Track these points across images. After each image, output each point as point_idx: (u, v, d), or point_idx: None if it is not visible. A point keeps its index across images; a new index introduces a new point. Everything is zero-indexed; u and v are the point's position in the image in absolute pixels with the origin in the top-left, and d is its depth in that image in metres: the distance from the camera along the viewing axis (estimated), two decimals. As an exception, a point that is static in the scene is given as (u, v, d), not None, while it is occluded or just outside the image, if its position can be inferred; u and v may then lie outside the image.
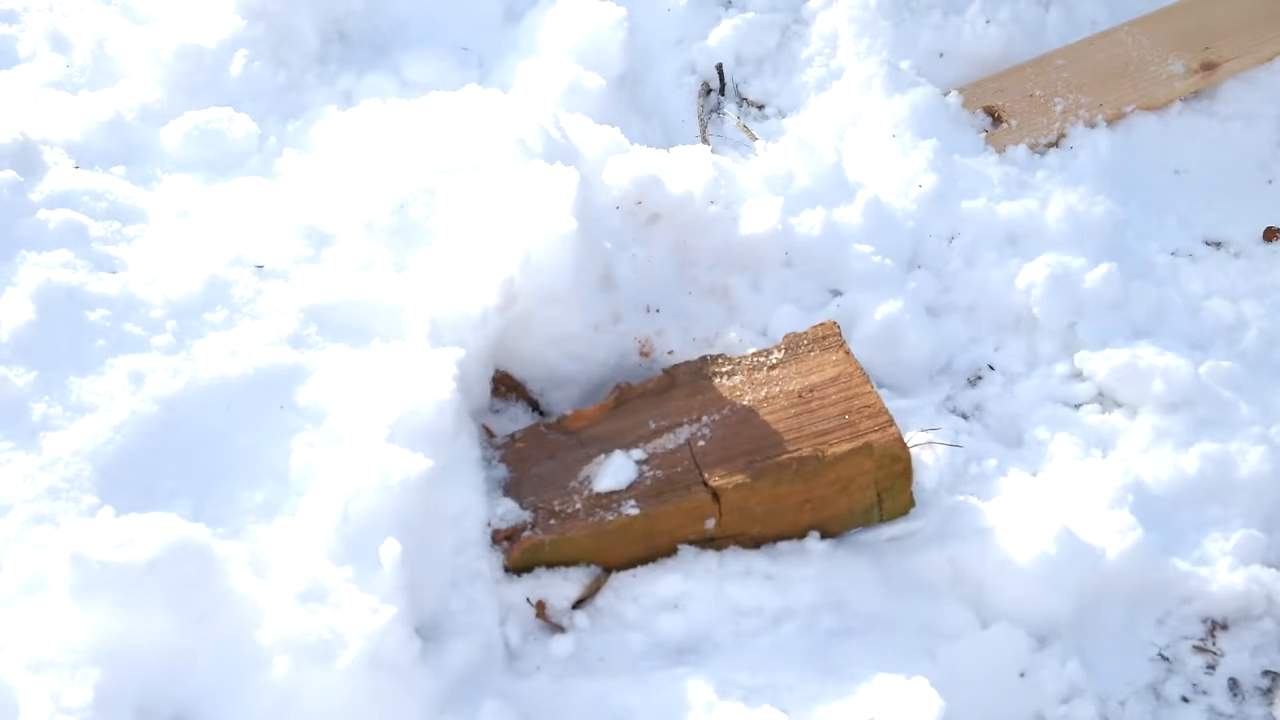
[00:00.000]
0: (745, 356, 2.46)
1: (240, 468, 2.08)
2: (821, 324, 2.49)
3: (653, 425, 2.33)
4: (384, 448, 2.04)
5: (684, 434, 2.30)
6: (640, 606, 2.17)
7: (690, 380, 2.42)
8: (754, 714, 1.93)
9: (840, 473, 2.23)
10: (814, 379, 2.36)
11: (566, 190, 2.44)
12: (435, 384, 2.17)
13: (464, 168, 2.63)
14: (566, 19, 3.31)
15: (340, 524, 1.93)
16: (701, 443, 2.28)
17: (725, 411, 2.33)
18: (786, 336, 2.49)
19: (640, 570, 2.21)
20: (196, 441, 2.10)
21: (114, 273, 2.32)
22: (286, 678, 1.78)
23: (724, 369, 2.43)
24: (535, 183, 2.49)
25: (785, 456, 2.23)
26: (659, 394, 2.40)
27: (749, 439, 2.28)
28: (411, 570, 1.95)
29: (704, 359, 2.47)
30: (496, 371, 2.47)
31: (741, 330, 2.66)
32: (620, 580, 2.20)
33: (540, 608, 2.16)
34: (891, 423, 2.27)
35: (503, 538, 2.20)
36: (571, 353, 2.51)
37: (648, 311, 2.65)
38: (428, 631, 2.04)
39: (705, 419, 2.32)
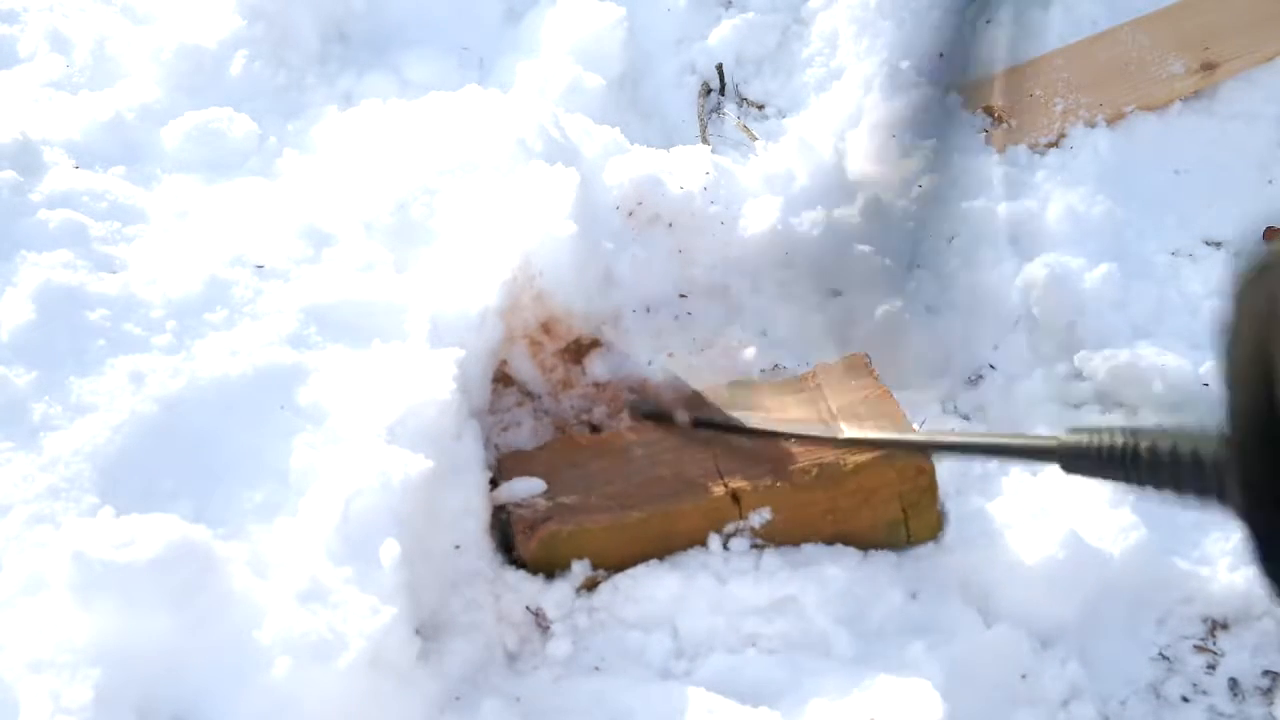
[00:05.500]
0: (773, 382, 2.47)
1: (240, 468, 2.07)
2: (852, 354, 2.48)
3: (678, 438, 2.33)
4: (384, 448, 2.03)
5: (707, 445, 2.31)
6: (640, 607, 2.16)
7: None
8: (754, 714, 1.93)
9: (862, 482, 2.22)
10: (840, 400, 2.36)
11: (567, 192, 2.44)
12: (436, 384, 2.16)
13: (464, 168, 2.63)
14: (566, 19, 3.30)
15: (340, 524, 1.92)
16: (724, 450, 2.28)
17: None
18: (817, 365, 2.49)
19: (640, 569, 2.20)
20: (197, 441, 2.09)
21: (114, 273, 2.32)
22: (287, 678, 1.77)
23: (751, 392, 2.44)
24: (535, 183, 2.49)
25: (806, 463, 2.23)
26: None
27: (773, 450, 2.27)
28: (412, 570, 1.95)
29: (732, 383, 2.49)
30: (497, 371, 2.47)
31: (742, 331, 2.66)
32: (620, 580, 2.19)
33: (539, 613, 2.16)
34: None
35: (523, 528, 2.19)
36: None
37: (648, 312, 2.65)
38: (428, 631, 2.04)
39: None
